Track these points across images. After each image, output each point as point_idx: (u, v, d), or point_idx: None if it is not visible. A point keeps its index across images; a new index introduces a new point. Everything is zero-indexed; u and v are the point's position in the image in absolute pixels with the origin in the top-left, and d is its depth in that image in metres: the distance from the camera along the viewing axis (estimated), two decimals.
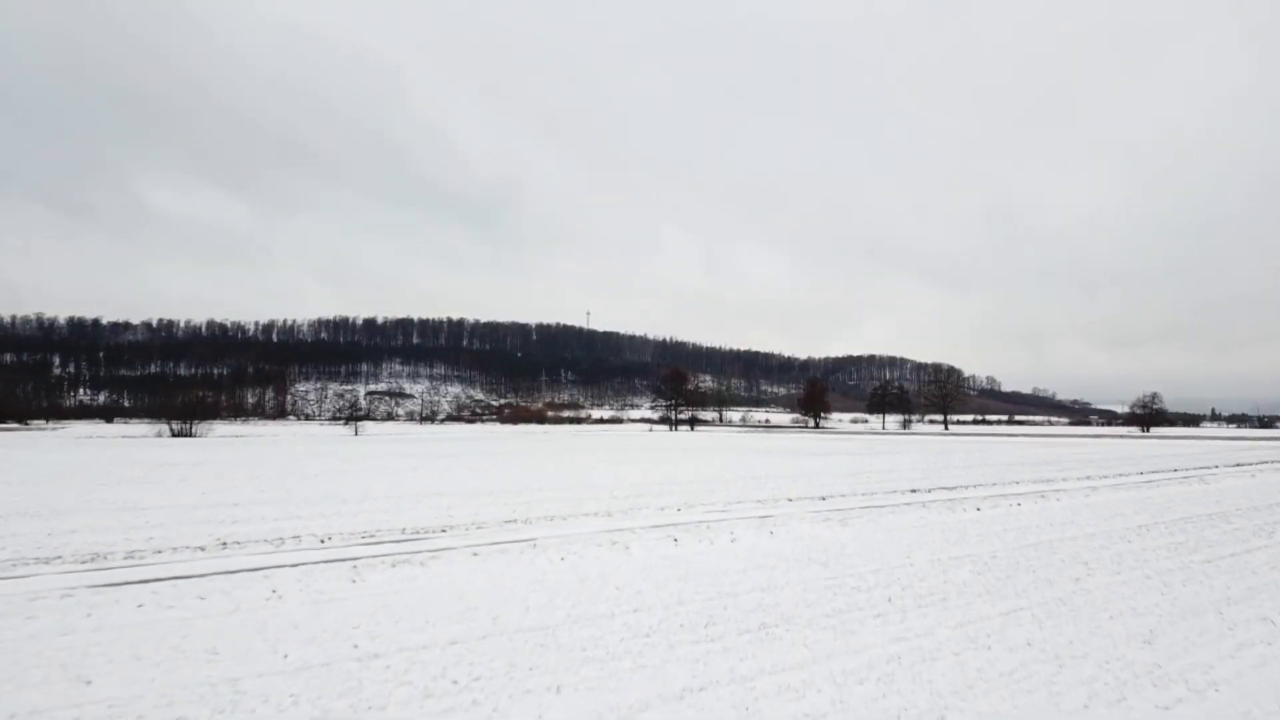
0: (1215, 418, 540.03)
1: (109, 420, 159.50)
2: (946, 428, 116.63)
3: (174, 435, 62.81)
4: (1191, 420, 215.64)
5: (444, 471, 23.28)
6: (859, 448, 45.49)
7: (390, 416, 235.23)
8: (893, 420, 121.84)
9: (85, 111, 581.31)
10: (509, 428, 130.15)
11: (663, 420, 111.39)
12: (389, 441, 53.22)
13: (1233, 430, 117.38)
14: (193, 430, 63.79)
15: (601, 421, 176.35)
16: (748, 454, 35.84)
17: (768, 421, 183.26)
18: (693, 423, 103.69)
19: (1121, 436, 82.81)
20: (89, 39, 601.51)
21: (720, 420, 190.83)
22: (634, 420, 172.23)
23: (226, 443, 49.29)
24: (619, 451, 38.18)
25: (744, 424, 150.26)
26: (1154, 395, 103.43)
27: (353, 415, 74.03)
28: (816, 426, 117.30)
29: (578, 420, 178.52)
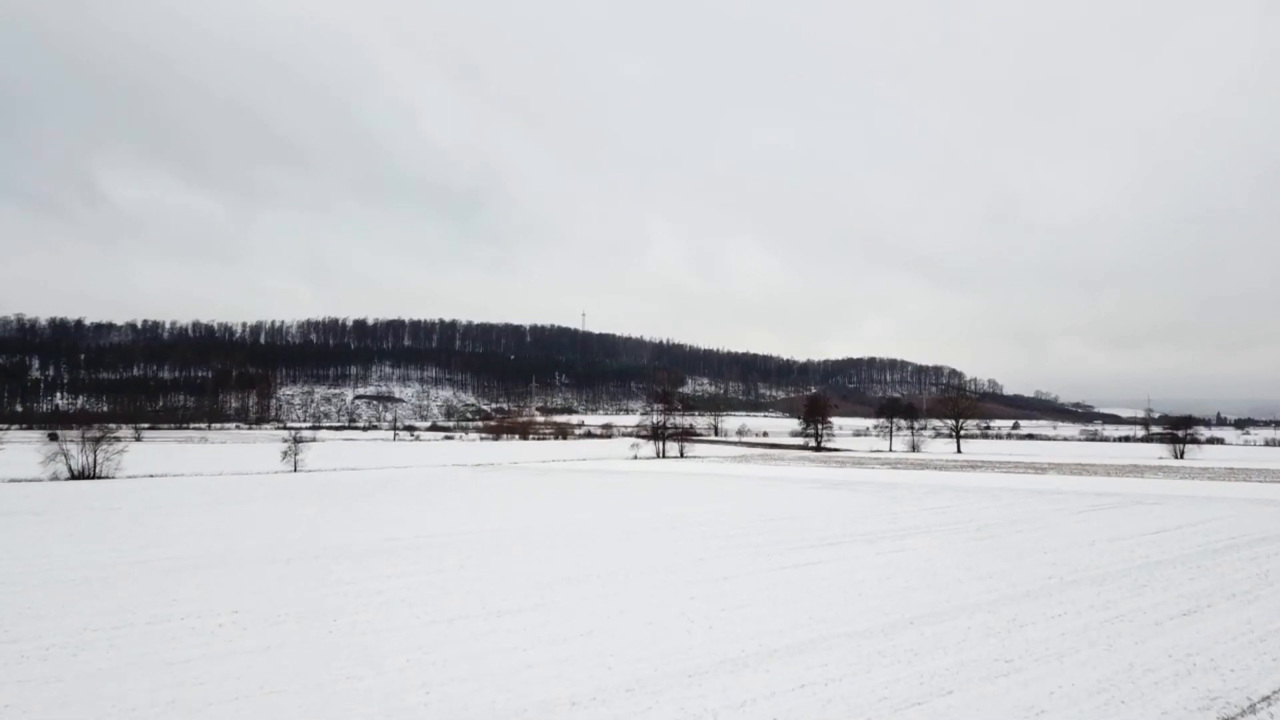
0: (1221, 422, 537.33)
1: (54, 435, 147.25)
2: (959, 449, 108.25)
3: (72, 476, 54.11)
4: (1213, 433, 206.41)
5: (222, 650, 14.91)
6: (873, 515, 37.14)
7: (373, 425, 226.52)
8: (900, 431, 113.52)
9: (53, 104, 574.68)
10: (488, 446, 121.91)
11: (654, 434, 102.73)
12: (307, 495, 44.78)
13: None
14: (97, 467, 55.08)
15: (590, 436, 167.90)
16: (722, 549, 27.41)
17: (765, 435, 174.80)
18: (683, 441, 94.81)
19: (1163, 469, 74.57)
20: (53, 25, 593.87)
21: (716, 432, 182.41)
22: (625, 431, 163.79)
23: (94, 498, 40.83)
24: (548, 538, 29.79)
25: (740, 440, 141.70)
26: (1187, 418, 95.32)
27: (296, 441, 65.19)
28: (818, 448, 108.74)
29: (565, 433, 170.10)
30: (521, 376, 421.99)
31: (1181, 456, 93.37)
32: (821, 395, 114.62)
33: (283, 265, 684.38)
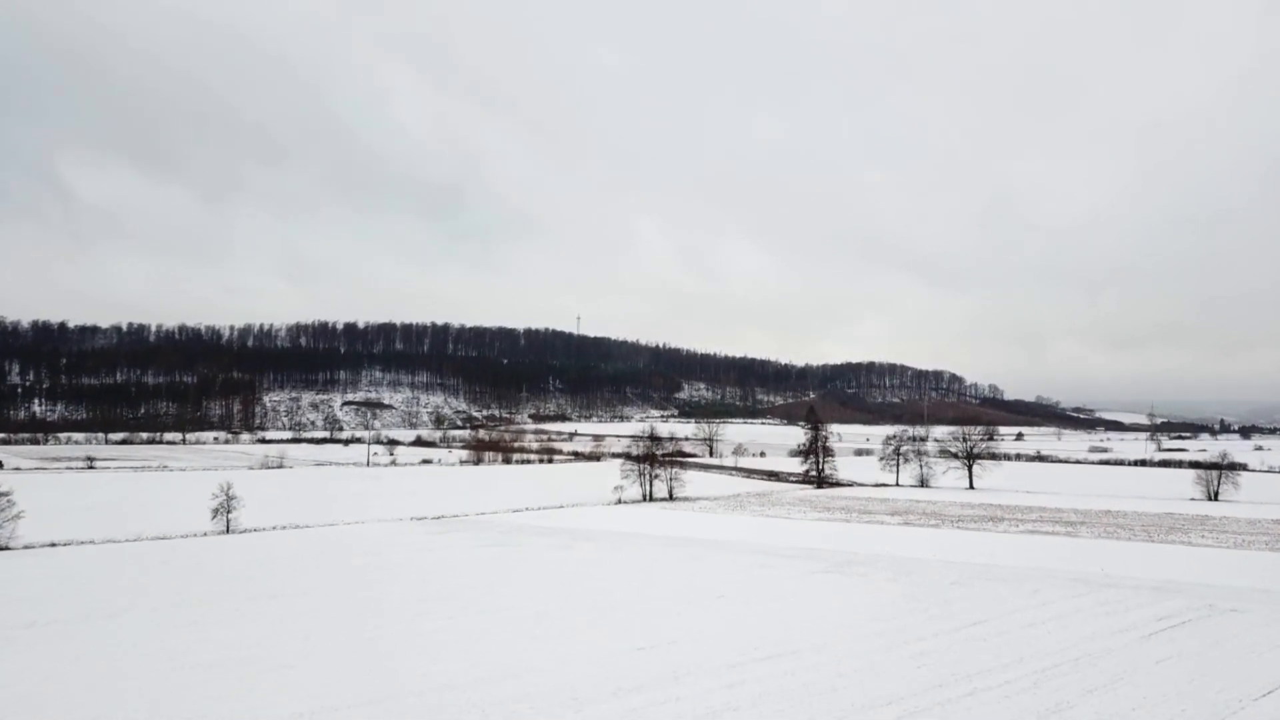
0: (1225, 429, 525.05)
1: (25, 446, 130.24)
2: (971, 484, 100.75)
3: None
4: (1224, 446, 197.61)
5: None
6: (894, 647, 30.00)
7: (356, 439, 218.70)
8: (907, 462, 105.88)
9: (24, 100, 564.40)
10: (464, 477, 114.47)
11: (644, 458, 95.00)
12: (199, 598, 37.52)
13: None
14: None
15: (578, 456, 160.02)
16: None
17: (763, 455, 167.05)
18: (674, 466, 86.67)
19: (1205, 524, 67.33)
20: (23, 11, 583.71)
21: (711, 451, 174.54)
22: (616, 452, 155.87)
23: None
24: None
25: (736, 466, 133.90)
26: (1224, 455, 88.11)
27: (229, 498, 55.63)
28: (819, 482, 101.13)
29: (551, 454, 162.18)
30: (513, 382, 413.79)
31: (1216, 498, 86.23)
32: (822, 429, 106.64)
33: (270, 264, 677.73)
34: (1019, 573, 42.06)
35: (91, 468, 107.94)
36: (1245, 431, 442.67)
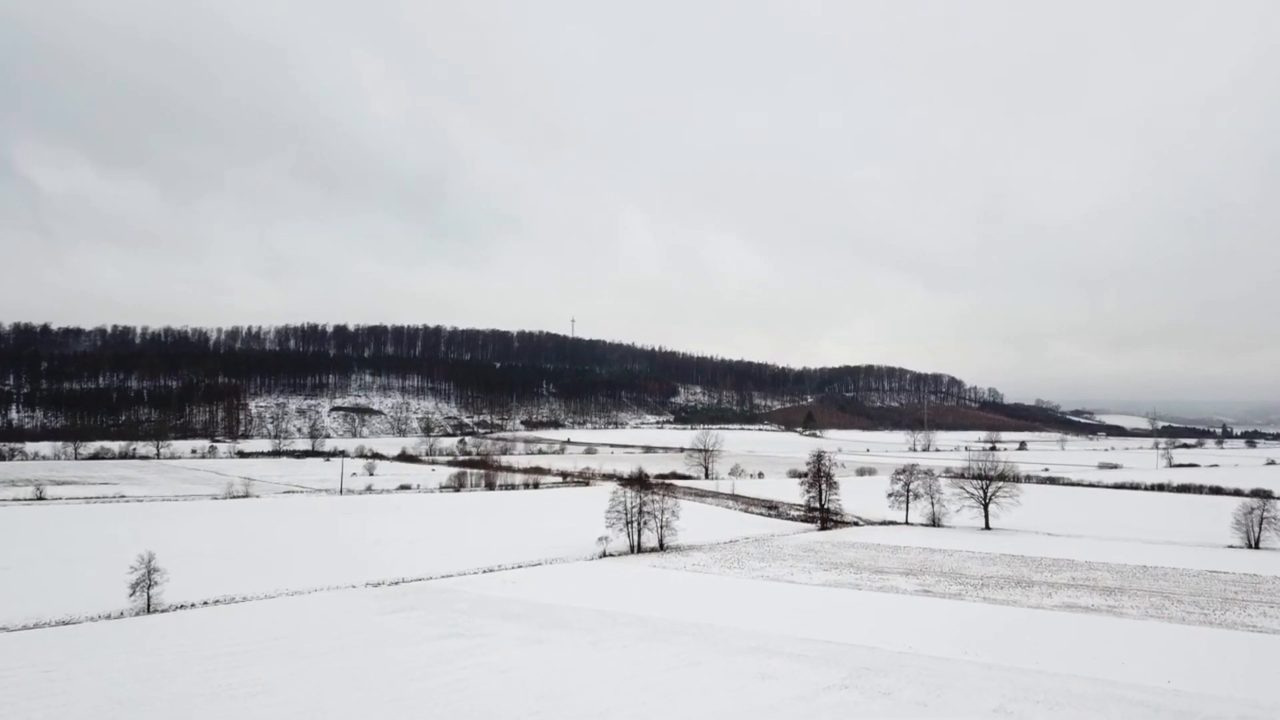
0: (1227, 434, 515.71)
1: None
2: (987, 524, 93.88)
3: None
4: (1234, 459, 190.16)
5: None
6: None
7: (340, 451, 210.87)
8: (917, 498, 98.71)
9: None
10: (441, 511, 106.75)
11: (637, 482, 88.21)
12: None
13: None
14: None
15: (566, 478, 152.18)
16: None
17: (761, 476, 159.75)
18: (663, 521, 78.53)
19: (1259, 591, 60.62)
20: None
21: (707, 474, 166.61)
22: (606, 473, 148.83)
23: None
24: None
25: (734, 494, 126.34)
26: (1262, 496, 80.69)
27: (150, 570, 47.40)
28: (824, 524, 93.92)
29: (539, 474, 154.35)
30: (506, 387, 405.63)
31: (1257, 545, 79.55)
32: (825, 466, 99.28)
33: (258, 264, 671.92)
34: (1072, 692, 34.96)
35: (41, 498, 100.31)
36: (1250, 438, 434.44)
